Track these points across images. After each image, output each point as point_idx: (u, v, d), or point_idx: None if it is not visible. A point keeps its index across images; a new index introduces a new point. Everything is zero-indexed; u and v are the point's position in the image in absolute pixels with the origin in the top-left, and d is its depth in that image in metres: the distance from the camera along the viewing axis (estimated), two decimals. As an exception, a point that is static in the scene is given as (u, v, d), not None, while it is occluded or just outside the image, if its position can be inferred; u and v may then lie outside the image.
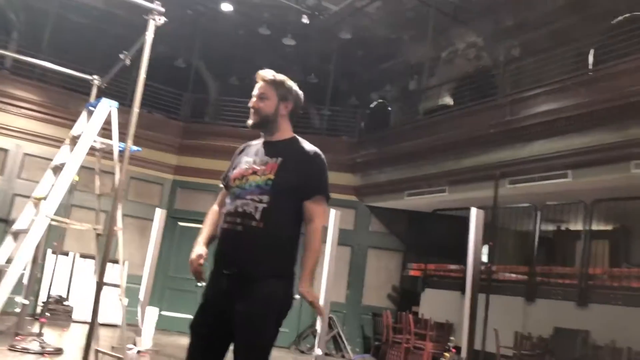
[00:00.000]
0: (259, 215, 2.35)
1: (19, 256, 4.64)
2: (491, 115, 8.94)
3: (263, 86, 2.53)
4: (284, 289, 2.39)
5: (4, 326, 7.64)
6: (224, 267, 2.40)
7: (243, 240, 2.37)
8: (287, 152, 2.49)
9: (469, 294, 6.53)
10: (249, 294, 2.31)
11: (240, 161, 2.56)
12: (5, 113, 10.38)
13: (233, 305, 2.32)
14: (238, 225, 2.37)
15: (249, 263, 2.36)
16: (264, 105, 2.51)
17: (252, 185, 2.41)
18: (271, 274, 2.36)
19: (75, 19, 12.47)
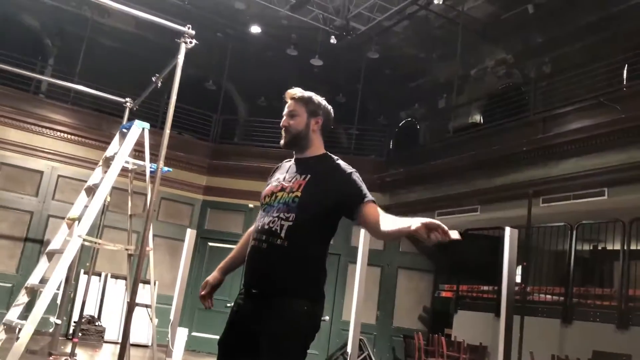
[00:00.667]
0: (284, 234, 2.31)
1: (53, 276, 4.68)
2: (523, 133, 8.80)
3: (292, 104, 2.51)
4: (309, 310, 2.32)
5: (38, 346, 7.73)
6: (251, 285, 2.38)
7: (267, 258, 2.33)
8: (316, 168, 2.45)
9: (504, 316, 6.36)
10: (274, 316, 2.27)
11: (272, 179, 2.55)
12: (40, 136, 10.63)
13: (258, 324, 2.30)
14: (263, 242, 2.34)
15: (272, 281, 2.32)
16: (295, 122, 2.49)
17: (280, 202, 2.38)
18: (295, 294, 2.30)
19: (108, 43, 12.79)
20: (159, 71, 6.15)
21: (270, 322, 2.27)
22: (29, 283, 4.95)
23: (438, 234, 1.97)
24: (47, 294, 4.58)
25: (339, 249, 11.29)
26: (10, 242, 10.23)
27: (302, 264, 2.32)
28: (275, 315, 2.27)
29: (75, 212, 5.27)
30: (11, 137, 10.35)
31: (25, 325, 4.45)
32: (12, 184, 10.36)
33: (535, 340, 7.79)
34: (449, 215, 10.05)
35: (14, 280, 9.90)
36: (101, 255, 10.23)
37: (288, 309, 2.28)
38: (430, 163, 10.30)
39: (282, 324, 2.26)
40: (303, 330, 2.31)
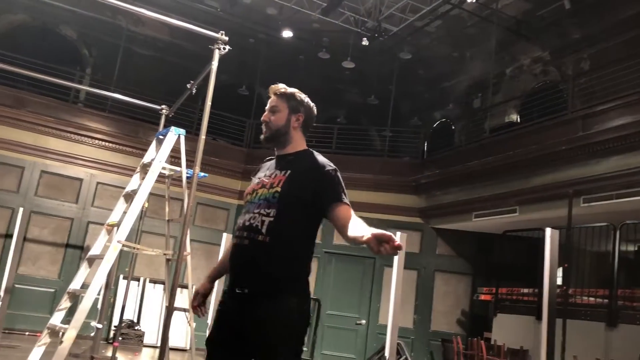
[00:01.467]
0: (265, 229, 2.29)
1: (94, 281, 4.76)
2: (562, 131, 8.59)
3: (274, 99, 2.52)
4: (297, 306, 2.28)
5: (80, 350, 7.88)
6: (234, 284, 2.35)
7: (249, 254, 2.31)
8: (296, 164, 2.42)
9: (546, 319, 6.20)
10: (261, 315, 2.24)
11: (254, 178, 2.55)
12: (79, 144, 10.87)
13: (245, 323, 2.26)
14: (245, 239, 2.33)
15: (255, 278, 2.29)
16: (275, 118, 2.48)
17: (260, 198, 2.37)
18: (280, 290, 2.27)
19: (143, 51, 13.02)
20: (192, 78, 6.21)
21: (257, 322, 2.23)
22: (71, 288, 5.05)
23: (387, 247, 1.89)
24: (89, 298, 4.66)
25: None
26: (52, 248, 10.48)
27: (285, 259, 2.29)
28: (264, 316, 2.23)
29: (114, 218, 5.35)
30: (51, 146, 10.61)
31: (68, 329, 4.53)
32: (53, 191, 10.61)
33: (579, 344, 7.58)
34: (487, 217, 9.89)
35: (57, 286, 10.14)
36: (140, 261, 10.40)
37: (276, 308, 2.24)
38: (466, 164, 10.15)
39: (272, 325, 2.22)
40: (294, 329, 2.28)
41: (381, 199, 11.34)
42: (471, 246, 11.18)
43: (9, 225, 9.91)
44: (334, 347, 10.92)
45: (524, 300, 9.72)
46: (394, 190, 11.45)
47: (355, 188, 11.40)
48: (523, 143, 9.20)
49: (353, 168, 11.60)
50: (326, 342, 10.99)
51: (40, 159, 10.51)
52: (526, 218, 9.25)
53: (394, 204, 11.32)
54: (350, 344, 10.90)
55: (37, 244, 10.33)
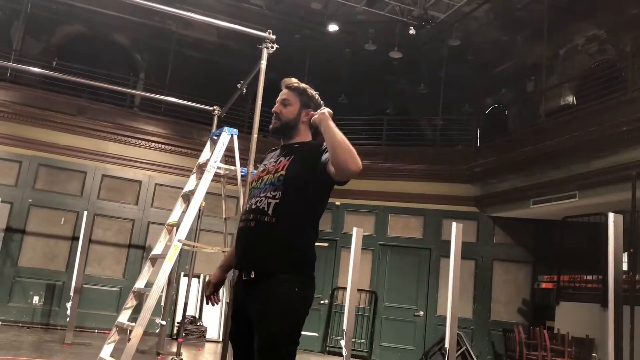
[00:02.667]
0: (271, 211, 2.35)
1: (157, 280, 4.93)
2: (622, 112, 8.25)
3: (286, 92, 2.61)
4: (300, 286, 2.32)
5: (146, 346, 8.18)
6: (241, 268, 2.41)
7: (255, 235, 2.37)
8: (300, 150, 2.50)
9: (612, 307, 5.99)
10: (265, 295, 2.29)
11: (260, 166, 2.64)
12: (137, 147, 11.23)
13: (251, 307, 2.34)
14: (251, 221, 2.39)
15: (261, 259, 2.34)
16: (287, 111, 2.56)
17: (266, 183, 2.44)
18: (285, 269, 2.31)
19: (192, 53, 13.30)
20: (242, 78, 6.31)
21: (263, 302, 2.28)
22: (136, 287, 5.25)
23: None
24: (153, 297, 4.84)
25: (430, 244, 11.13)
26: (116, 249, 10.89)
27: (290, 240, 2.34)
28: (268, 295, 2.28)
29: (174, 219, 5.52)
30: (110, 150, 11.00)
31: (135, 327, 4.72)
32: (114, 194, 11.01)
33: (649, 332, 7.30)
34: (545, 204, 9.62)
35: (122, 285, 10.53)
36: (199, 258, 10.63)
37: (280, 288, 2.29)
38: (522, 149, 9.89)
39: (273, 302, 2.27)
40: (294, 308, 2.31)
41: (435, 189, 11.20)
42: (530, 234, 10.90)
43: (75, 228, 10.36)
44: (393, 339, 10.91)
45: (588, 287, 9.43)
46: (447, 180, 11.29)
47: (408, 179, 11.34)
48: (581, 125, 8.89)
49: (405, 159, 11.53)
50: (385, 334, 10.98)
51: (100, 164, 10.92)
52: (587, 203, 8.95)
53: (448, 194, 11.17)
54: (409, 336, 10.86)
55: (101, 245, 10.76)
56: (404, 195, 11.23)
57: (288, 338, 2.30)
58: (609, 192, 8.48)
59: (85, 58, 11.40)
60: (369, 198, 11.10)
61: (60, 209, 10.54)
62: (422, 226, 11.32)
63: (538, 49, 11.28)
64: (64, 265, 10.35)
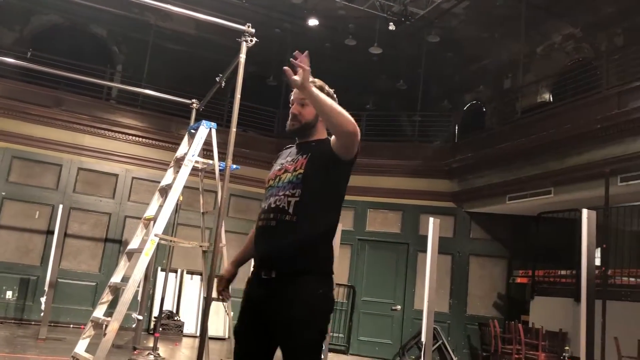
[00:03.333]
0: (292, 209, 2.32)
1: (134, 274, 4.89)
2: (596, 110, 8.39)
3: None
4: (323, 287, 2.31)
5: (123, 341, 8.11)
6: (260, 268, 2.37)
7: (277, 235, 2.33)
8: (317, 147, 2.47)
9: (585, 301, 6.12)
10: (289, 297, 2.26)
11: (275, 165, 2.60)
12: (114, 140, 11.10)
13: (273, 308, 2.28)
14: (272, 220, 2.35)
15: (283, 259, 2.31)
16: (305, 111, 2.49)
17: (285, 182, 2.41)
18: (308, 269, 2.29)
19: (171, 46, 13.17)
20: (221, 71, 6.26)
21: (288, 306, 2.25)
22: (112, 282, 5.20)
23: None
24: (129, 291, 4.80)
25: (407, 238, 11.21)
26: (92, 243, 10.76)
27: (312, 239, 2.32)
28: (292, 298, 2.25)
29: (151, 213, 5.47)
30: (87, 143, 10.86)
31: (111, 321, 4.68)
32: (90, 187, 10.88)
33: (620, 325, 7.46)
34: (521, 200, 9.76)
35: (98, 279, 10.42)
36: (177, 253, 10.58)
37: (304, 290, 2.26)
38: (499, 146, 10.01)
39: (299, 306, 2.24)
40: (320, 310, 2.30)
41: (413, 185, 11.29)
42: (506, 229, 11.05)
43: (50, 221, 10.22)
44: (370, 333, 10.98)
45: (562, 282, 9.60)
46: (425, 175, 11.37)
47: (387, 174, 11.39)
48: (557, 123, 9.02)
49: (384, 154, 11.58)
50: (362, 328, 11.05)
51: (76, 156, 10.77)
52: (562, 199, 9.10)
53: (426, 189, 11.26)
54: (386, 330, 10.94)
55: (77, 239, 10.63)
56: (382, 191, 11.29)
57: (317, 342, 2.29)
58: (583, 189, 8.63)
59: (62, 49, 11.22)
60: (347, 193, 11.02)
61: (34, 202, 10.39)
62: (401, 221, 11.40)
63: (516, 47, 11.41)
64: (39, 260, 10.20)
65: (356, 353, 10.90)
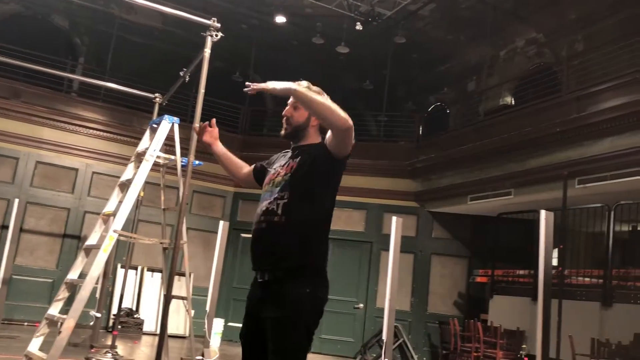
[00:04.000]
0: (280, 210, 2.39)
1: (91, 271, 4.78)
2: (556, 113, 8.60)
3: None
4: (311, 286, 2.36)
5: (80, 339, 7.93)
6: (256, 269, 2.46)
7: (267, 236, 2.41)
8: (308, 150, 2.53)
9: (541, 300, 6.25)
10: (279, 298, 2.33)
11: (271, 170, 2.66)
12: (74, 134, 10.84)
13: (264, 310, 2.37)
14: (263, 223, 2.43)
15: (273, 260, 2.38)
16: (298, 114, 2.56)
17: (277, 186, 2.49)
18: (297, 268, 2.35)
19: (135, 39, 12.93)
20: (186, 66, 6.19)
21: (277, 306, 2.32)
22: (69, 278, 5.07)
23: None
24: (86, 288, 4.69)
25: (371, 237, 11.28)
26: (49, 239, 10.50)
27: (302, 239, 2.38)
28: (282, 299, 2.32)
29: (110, 208, 5.36)
30: (46, 136, 10.58)
31: (67, 319, 4.56)
32: (49, 181, 10.60)
33: (574, 324, 7.66)
34: (482, 200, 9.93)
35: (55, 276, 10.17)
36: (137, 250, 10.42)
37: (294, 291, 2.32)
38: (462, 147, 10.16)
39: (288, 307, 2.31)
40: (305, 315, 2.34)
41: (377, 184, 11.37)
42: (467, 229, 11.23)
43: (5, 216, 9.91)
44: (333, 331, 11.00)
45: (520, 281, 9.81)
46: (390, 175, 11.47)
47: (352, 173, 11.41)
48: (518, 125, 9.21)
49: (349, 153, 11.61)
50: (325, 327, 11.05)
51: (34, 150, 10.48)
52: (521, 200, 9.29)
53: (390, 189, 11.36)
54: (348, 328, 10.99)
55: (34, 234, 10.34)
56: (347, 189, 11.31)
57: (303, 342, 2.34)
58: (542, 190, 8.83)
59: (21, 39, 10.89)
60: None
61: (-11, 196, 10.07)
62: (364, 220, 11.47)
63: (480, 50, 11.60)
64: (-8, 256, 9.89)
65: (318, 351, 10.90)
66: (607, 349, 7.49)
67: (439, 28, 11.90)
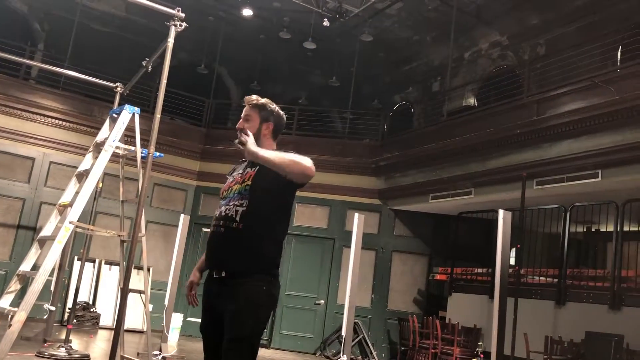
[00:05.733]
0: (239, 217, 2.60)
1: (45, 263, 4.65)
2: (517, 115, 8.77)
3: (247, 109, 2.80)
4: (266, 285, 2.57)
5: (32, 332, 7.72)
6: (212, 268, 2.67)
7: (224, 240, 2.61)
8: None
9: (498, 298, 6.38)
10: (235, 293, 2.53)
11: (229, 177, 2.87)
12: (31, 122, 10.53)
13: (222, 303, 2.56)
14: (220, 227, 2.63)
15: (230, 261, 2.59)
16: (249, 126, 2.73)
17: (235, 193, 2.69)
18: (252, 272, 2.56)
19: (98, 27, 12.62)
20: (149, 55, 6.06)
21: (234, 301, 2.52)
22: (21, 270, 4.93)
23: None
24: (39, 280, 4.56)
25: (334, 234, 11.31)
26: (3, 230, 10.18)
27: (257, 244, 2.59)
28: (238, 296, 2.53)
29: (67, 199, 5.23)
30: (1, 124, 10.24)
31: (18, 312, 4.43)
32: (3, 170, 10.27)
33: (529, 322, 7.84)
34: (443, 199, 10.06)
35: (8, 268, 9.86)
36: (95, 242, 10.21)
37: (249, 289, 2.53)
38: (424, 146, 10.27)
39: (244, 302, 2.51)
40: (261, 306, 2.57)
41: (341, 181, 11.40)
42: (428, 227, 11.37)
43: (-43, 205, 9.57)
44: (293, 328, 11.01)
45: (478, 280, 9.98)
46: (354, 172, 11.53)
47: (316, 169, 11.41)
48: (479, 126, 9.36)
49: (314, 150, 11.58)
50: (285, 323, 11.06)
51: (-11, 137, 10.14)
52: (481, 200, 9.45)
53: (353, 186, 11.41)
54: (308, 324, 11.00)
55: (-14, 225, 10.02)
56: (311, 185, 11.16)
57: (253, 333, 2.54)
58: (501, 191, 9.00)
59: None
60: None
61: (-61, 184, 9.70)
62: (328, 216, 11.49)
63: (444, 51, 11.72)
64: (-58, 246, 9.55)
65: (278, 347, 10.90)
66: (560, 346, 7.70)
67: (405, 28, 11.99)
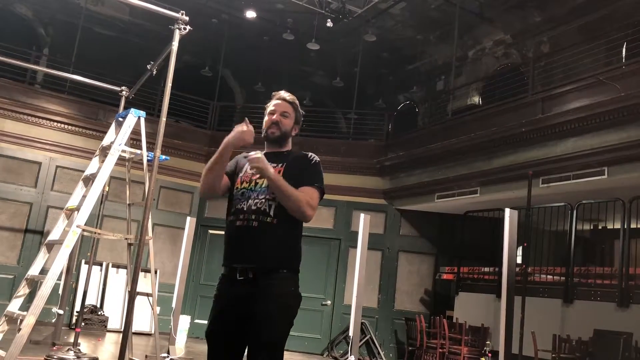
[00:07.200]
0: (272, 212, 2.54)
1: (53, 267, 4.67)
2: (522, 114, 8.75)
3: (286, 105, 2.76)
4: (294, 285, 2.56)
5: (41, 336, 7.75)
6: (238, 264, 2.52)
7: (258, 235, 2.53)
8: (288, 158, 2.72)
9: (505, 297, 6.37)
10: (266, 294, 2.46)
11: (243, 168, 2.75)
12: (37, 127, 10.57)
13: (251, 305, 2.45)
14: (253, 221, 2.54)
15: (264, 256, 2.51)
16: (286, 122, 2.74)
17: (262, 187, 2.60)
18: (283, 267, 2.53)
19: (102, 31, 12.68)
20: (154, 59, 6.09)
21: (262, 304, 2.44)
22: (30, 274, 4.95)
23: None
24: (48, 284, 4.58)
25: (340, 234, 11.31)
26: (10, 234, 10.23)
27: (289, 240, 2.58)
28: (265, 297, 2.46)
29: (74, 203, 5.25)
30: (8, 129, 10.29)
31: (27, 316, 4.45)
32: (11, 175, 10.33)
33: (537, 321, 7.82)
34: (449, 198, 10.05)
35: (16, 272, 9.91)
36: (102, 245, 10.24)
37: (280, 287, 2.49)
38: (429, 146, 10.26)
39: (275, 302, 2.46)
40: (292, 306, 2.54)
41: (346, 181, 11.39)
42: (434, 227, 11.36)
43: (-36, 210, 9.63)
44: (300, 328, 10.98)
45: (485, 279, 9.96)
46: (358, 173, 11.53)
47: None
48: (484, 125, 9.34)
49: (318, 150, 11.53)
50: (292, 324, 11.05)
51: (-4, 142, 10.19)
52: (487, 199, 9.43)
53: (358, 186, 11.41)
54: (316, 325, 11.00)
55: (-6, 229, 10.07)
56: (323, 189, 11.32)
57: (284, 336, 2.51)
58: (507, 189, 8.98)
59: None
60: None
61: (-53, 190, 9.76)
62: (333, 217, 11.49)
63: (448, 50, 11.72)
64: (-50, 251, 9.60)
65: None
66: (568, 344, 7.67)
67: (408, 27, 12.00)
